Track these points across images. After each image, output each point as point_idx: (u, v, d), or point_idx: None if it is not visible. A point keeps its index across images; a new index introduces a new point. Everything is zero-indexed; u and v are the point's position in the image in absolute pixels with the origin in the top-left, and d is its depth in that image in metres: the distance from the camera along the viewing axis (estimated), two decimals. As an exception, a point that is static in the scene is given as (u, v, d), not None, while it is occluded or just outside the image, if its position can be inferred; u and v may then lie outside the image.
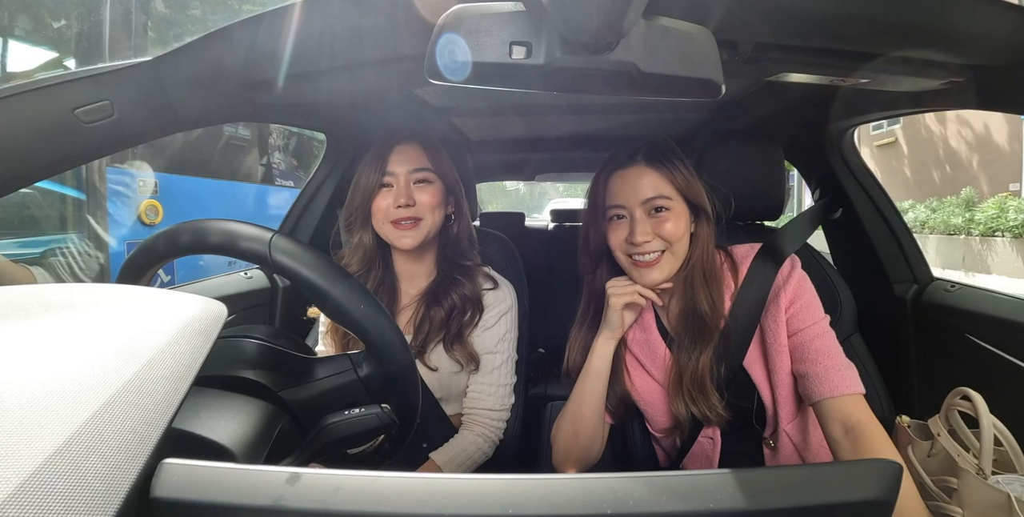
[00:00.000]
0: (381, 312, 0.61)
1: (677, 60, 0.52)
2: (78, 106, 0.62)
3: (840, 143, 1.29)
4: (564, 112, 1.60)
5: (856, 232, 1.31)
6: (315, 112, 1.25)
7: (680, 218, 0.90)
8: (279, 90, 0.73)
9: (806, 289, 0.94)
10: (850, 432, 0.81)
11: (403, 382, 0.64)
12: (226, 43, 0.66)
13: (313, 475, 0.32)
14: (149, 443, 0.32)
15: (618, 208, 0.92)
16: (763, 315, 0.93)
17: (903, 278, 1.26)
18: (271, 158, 4.72)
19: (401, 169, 1.02)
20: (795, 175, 1.96)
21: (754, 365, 0.94)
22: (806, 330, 0.91)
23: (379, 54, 0.69)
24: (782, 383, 0.91)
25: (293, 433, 0.60)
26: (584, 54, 0.51)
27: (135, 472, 0.31)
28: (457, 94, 1.39)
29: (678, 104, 1.51)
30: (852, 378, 0.86)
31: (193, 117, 0.74)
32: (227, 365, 0.59)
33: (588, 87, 0.57)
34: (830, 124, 1.24)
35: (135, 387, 0.33)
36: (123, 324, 0.38)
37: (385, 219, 1.02)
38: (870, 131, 11.77)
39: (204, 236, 0.60)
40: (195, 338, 0.39)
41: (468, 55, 0.50)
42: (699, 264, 0.93)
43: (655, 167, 0.91)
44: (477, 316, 1.08)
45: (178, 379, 0.36)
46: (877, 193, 1.29)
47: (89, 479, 0.28)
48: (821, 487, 0.33)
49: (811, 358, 0.88)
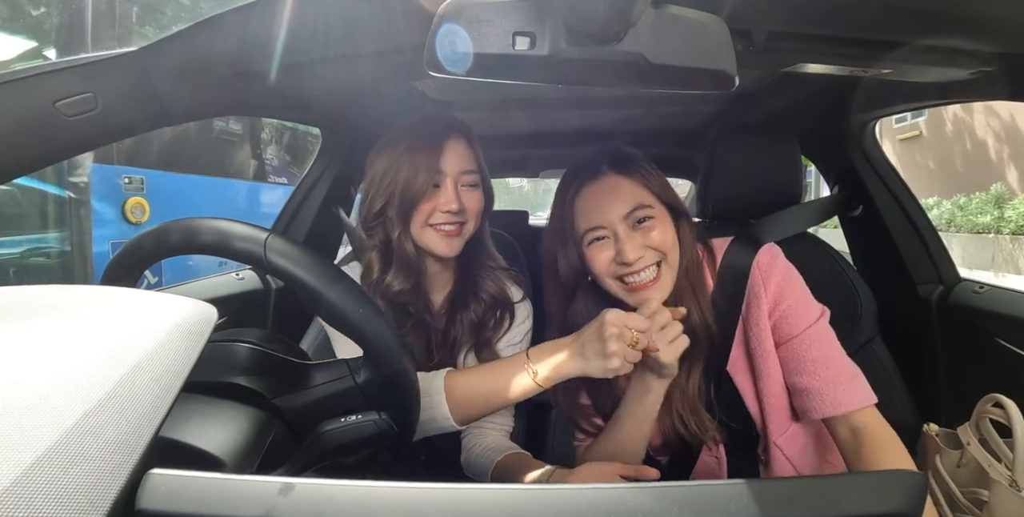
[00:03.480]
0: (380, 316, 0.62)
1: (688, 50, 0.52)
2: (59, 98, 0.62)
3: (861, 137, 1.29)
4: (569, 106, 1.60)
5: (877, 230, 1.30)
6: (309, 105, 1.25)
7: (666, 224, 0.85)
8: (271, 82, 0.73)
9: (793, 285, 0.88)
10: (856, 432, 0.80)
11: (402, 388, 0.64)
12: (216, 32, 0.66)
13: (307, 485, 0.32)
14: (135, 453, 0.32)
15: (597, 230, 0.85)
16: (746, 315, 0.89)
17: (928, 279, 1.26)
18: (264, 154, 4.74)
19: (452, 169, 0.94)
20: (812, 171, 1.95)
21: (738, 372, 0.91)
22: (800, 337, 0.85)
23: (377, 45, 0.69)
24: (770, 391, 0.87)
25: (287, 442, 0.60)
26: (590, 45, 0.51)
27: (119, 483, 0.31)
28: (458, 87, 1.39)
29: (689, 97, 1.50)
30: (860, 390, 0.83)
31: (181, 110, 0.74)
32: (218, 371, 0.59)
33: (595, 79, 0.57)
34: (850, 117, 1.24)
35: (120, 394, 0.33)
36: (108, 328, 0.38)
37: (426, 223, 0.95)
38: (892, 124, 11.70)
39: (195, 235, 0.60)
40: (184, 342, 0.39)
41: (469, 46, 0.50)
42: (684, 270, 0.88)
43: (626, 175, 0.86)
44: (508, 320, 1.04)
45: (166, 385, 0.36)
46: (900, 189, 1.28)
47: (71, 491, 0.28)
48: (840, 498, 0.33)
49: (808, 370, 0.84)
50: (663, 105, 1.61)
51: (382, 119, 1.37)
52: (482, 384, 0.87)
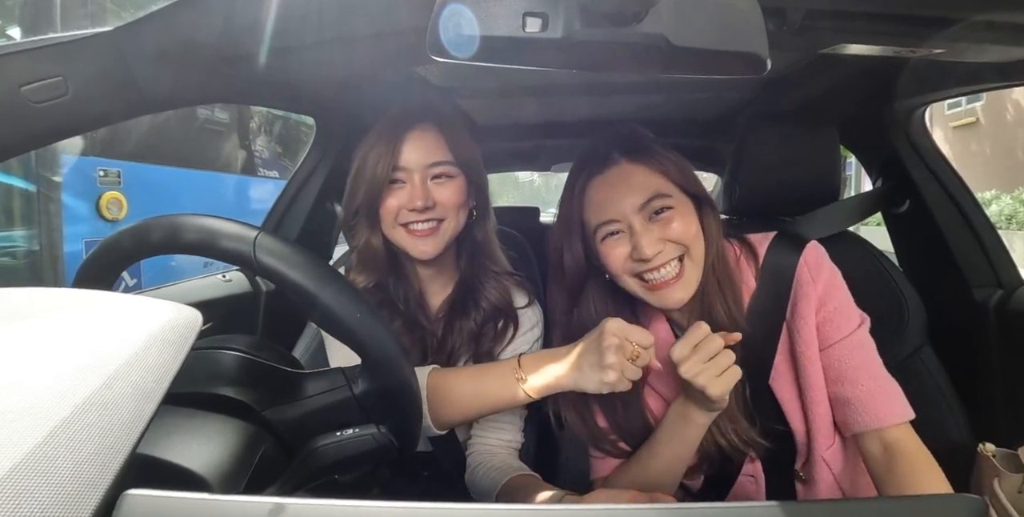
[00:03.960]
0: (379, 321, 0.62)
1: (715, 31, 0.51)
2: (25, 83, 0.62)
3: (907, 124, 1.27)
4: (584, 93, 1.59)
5: (927, 228, 1.29)
6: (302, 93, 1.26)
7: (687, 215, 0.84)
8: (261, 67, 0.74)
9: (839, 287, 0.88)
10: (887, 448, 0.81)
11: (403, 399, 0.65)
12: (200, 11, 0.66)
13: (299, 506, 0.33)
14: (110, 471, 0.32)
15: (610, 223, 0.84)
16: (790, 317, 0.89)
17: (985, 282, 1.24)
18: (253, 145, 4.77)
19: (416, 163, 0.95)
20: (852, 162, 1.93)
21: (779, 379, 0.90)
22: (843, 342, 0.86)
23: (375, 27, 0.69)
24: (816, 400, 0.87)
25: (277, 458, 0.61)
26: (607, 26, 0.50)
27: (92, 505, 0.31)
28: (463, 73, 1.39)
29: (716, 82, 1.49)
30: (900, 403, 0.83)
31: (161, 97, 0.74)
32: (202, 381, 0.59)
33: (612, 64, 0.57)
34: (895, 102, 1.23)
35: (94, 406, 0.33)
36: (80, 335, 0.38)
37: (396, 222, 0.96)
38: (944, 110, 11.58)
39: (178, 233, 0.60)
40: (164, 351, 0.39)
41: (476, 28, 0.50)
42: (710, 265, 0.87)
43: (640, 161, 0.85)
44: (511, 330, 1.04)
45: (144, 397, 0.36)
46: (952, 182, 1.27)
47: (38, 515, 0.28)
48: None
49: (851, 378, 0.84)
50: (687, 92, 1.60)
51: (381, 108, 1.37)
52: (465, 386, 0.88)
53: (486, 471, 0.97)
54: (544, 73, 1.38)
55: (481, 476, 0.97)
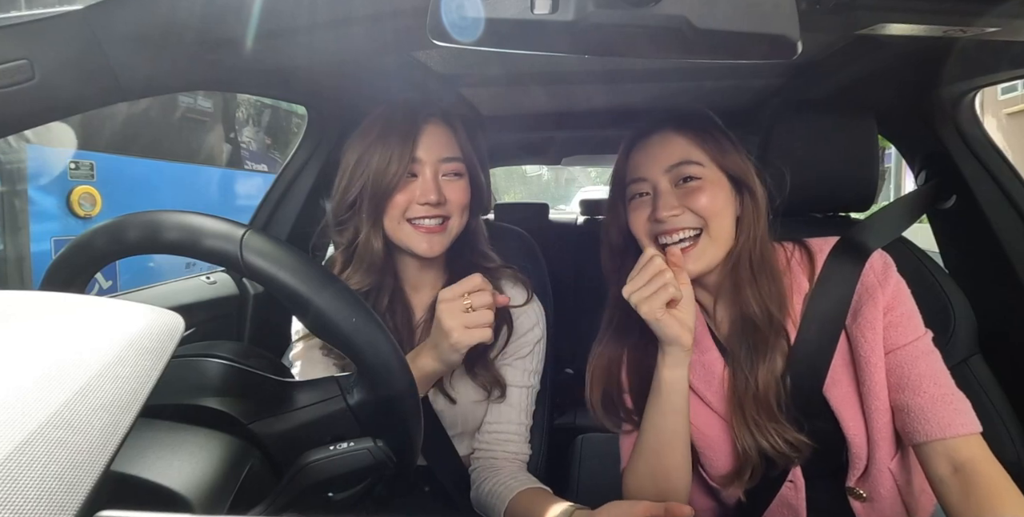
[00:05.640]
0: (376, 325, 0.62)
1: (741, 12, 0.51)
2: None
3: (955, 112, 1.26)
4: (597, 81, 1.59)
5: (976, 226, 1.27)
6: (293, 80, 1.26)
7: (717, 190, 0.90)
8: (248, 51, 0.74)
9: (907, 294, 0.92)
10: (960, 470, 0.80)
11: (402, 411, 0.65)
12: None
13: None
14: (80, 491, 0.31)
15: (638, 182, 0.92)
16: (852, 322, 0.91)
17: None
18: (239, 136, 4.78)
19: (429, 156, 0.99)
20: (892, 153, 1.91)
21: (835, 387, 0.91)
22: (907, 347, 0.88)
23: (371, 8, 0.69)
24: (879, 408, 0.88)
25: (266, 474, 0.61)
26: (623, 7, 0.50)
27: None
28: (467, 59, 1.39)
29: (741, 68, 1.49)
30: (967, 413, 0.84)
31: (139, 84, 0.74)
32: (184, 391, 0.60)
33: (628, 49, 0.57)
34: (941, 88, 1.22)
35: (63, 421, 0.32)
36: (49, 342, 0.38)
37: (402, 217, 0.99)
38: (997, 95, 11.46)
39: (158, 232, 0.60)
40: (143, 358, 0.39)
41: (480, 10, 0.50)
42: (746, 255, 0.91)
43: (683, 131, 0.92)
44: (505, 331, 1.06)
45: (119, 410, 0.36)
46: (1006, 175, 1.25)
47: None
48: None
49: (914, 385, 0.86)
50: (710, 79, 1.59)
51: (378, 96, 1.37)
52: None
53: (492, 486, 0.98)
54: (555, 59, 1.38)
55: (487, 492, 0.98)
